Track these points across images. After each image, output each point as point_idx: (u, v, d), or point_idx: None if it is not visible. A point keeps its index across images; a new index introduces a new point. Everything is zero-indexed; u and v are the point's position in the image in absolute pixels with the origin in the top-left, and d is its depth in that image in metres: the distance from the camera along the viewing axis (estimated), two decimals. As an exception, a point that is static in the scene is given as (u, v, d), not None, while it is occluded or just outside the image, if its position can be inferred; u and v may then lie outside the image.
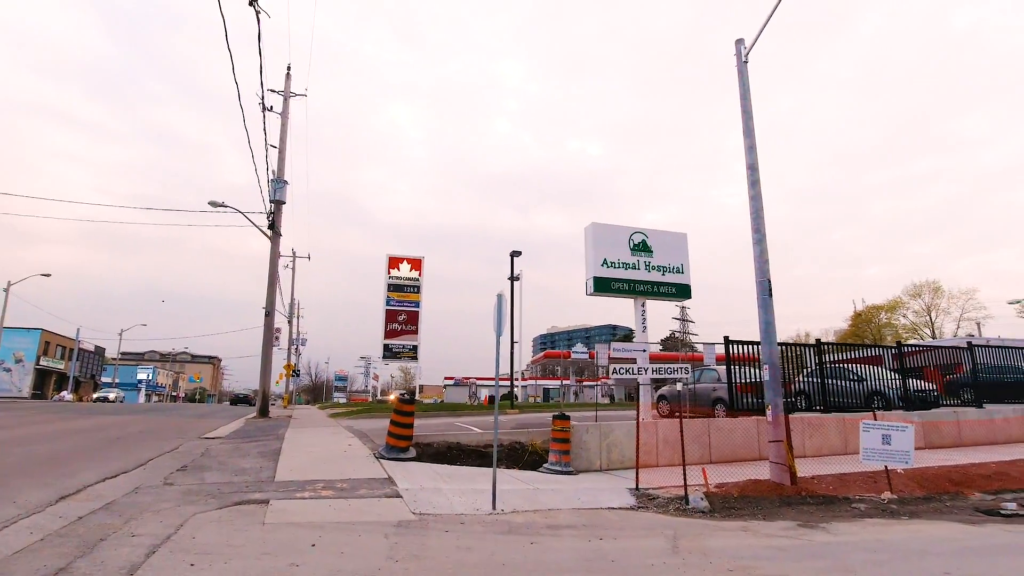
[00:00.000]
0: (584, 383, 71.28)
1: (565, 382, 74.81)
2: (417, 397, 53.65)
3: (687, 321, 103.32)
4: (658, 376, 10.59)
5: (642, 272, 12.45)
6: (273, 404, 50.27)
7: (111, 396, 42.78)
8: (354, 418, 19.14)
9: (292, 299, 46.76)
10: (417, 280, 37.41)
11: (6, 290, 42.70)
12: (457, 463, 9.13)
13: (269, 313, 20.52)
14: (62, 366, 59.96)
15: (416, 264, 37.57)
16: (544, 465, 9.33)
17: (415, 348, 37.29)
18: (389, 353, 37.15)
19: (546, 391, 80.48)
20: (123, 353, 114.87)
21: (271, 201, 20.66)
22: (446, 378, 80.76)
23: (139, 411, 26.06)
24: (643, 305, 12.60)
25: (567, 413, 9.58)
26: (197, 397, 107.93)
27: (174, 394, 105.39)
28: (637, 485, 7.91)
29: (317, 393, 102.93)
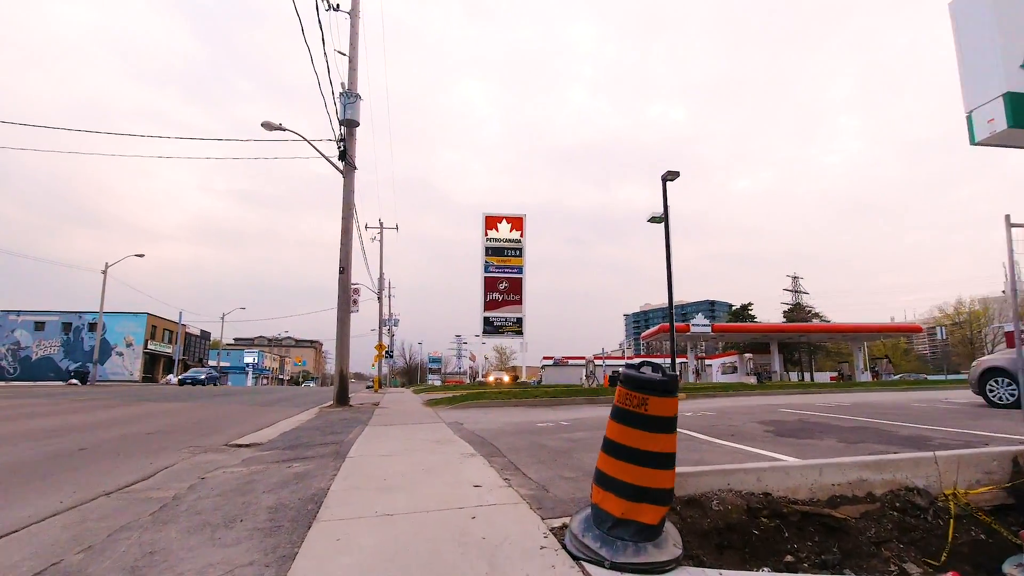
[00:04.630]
0: (710, 359, 63.23)
1: (682, 360, 67.14)
2: (522, 378, 48.56)
3: (800, 292, 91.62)
4: None
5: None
6: (369, 387, 46.96)
7: (201, 376, 41.22)
8: (459, 407, 13.86)
9: (381, 274, 43.02)
10: (519, 242, 31.89)
11: (104, 272, 42.08)
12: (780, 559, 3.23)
13: (344, 269, 15.66)
14: (169, 350, 60.79)
15: (517, 223, 32.02)
16: None
17: (519, 321, 31.93)
18: (490, 327, 32.07)
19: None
20: (235, 339, 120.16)
21: (341, 123, 15.69)
22: (544, 358, 75.41)
23: (208, 396, 22.60)
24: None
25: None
26: (300, 379, 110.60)
27: (280, 377, 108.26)
28: None
29: (411, 376, 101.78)
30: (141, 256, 42.71)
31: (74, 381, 43.51)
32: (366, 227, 40.12)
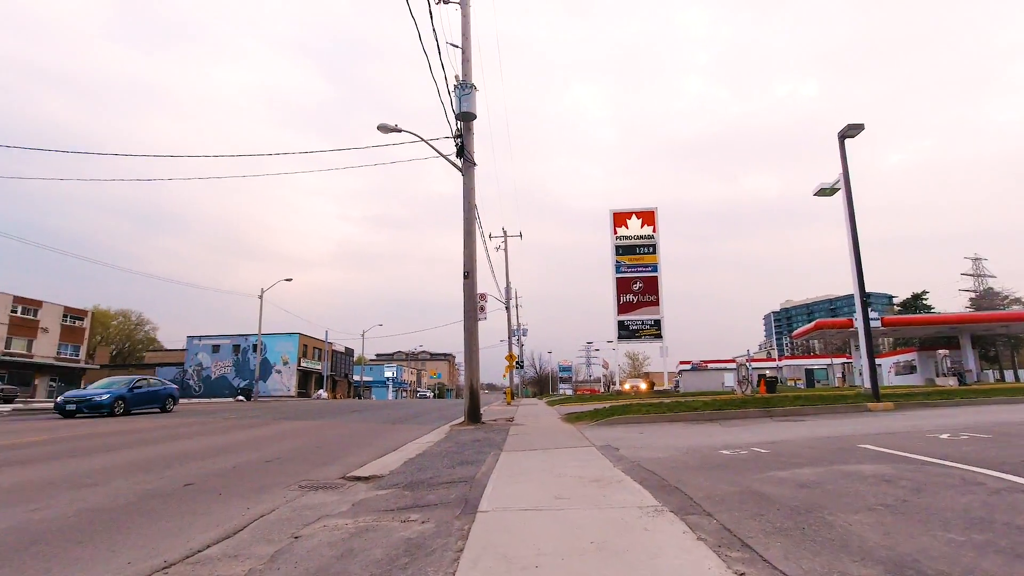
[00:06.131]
0: (879, 358, 54.97)
1: (840, 360, 59.05)
2: (661, 385, 45.31)
3: (983, 276, 77.09)
4: None
5: None
6: (502, 399, 46.52)
7: (102, 398, 42.01)
8: (604, 423, 11.90)
9: (508, 283, 42.32)
10: (651, 237, 29.16)
11: (260, 297, 45.88)
12: None
13: (468, 274, 14.46)
14: (318, 367, 65.37)
15: (648, 217, 29.34)
16: None
17: (657, 323, 29.10)
18: (625, 332, 29.60)
19: (808, 372, 65.53)
20: (376, 354, 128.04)
21: (457, 116, 14.61)
22: (681, 363, 70.57)
23: (344, 413, 22.75)
24: None
25: None
26: (436, 392, 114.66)
27: (418, 390, 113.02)
28: None
29: (542, 385, 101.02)
30: (289, 280, 46.12)
31: (240, 398, 47.87)
32: (490, 236, 39.65)
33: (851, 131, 12.67)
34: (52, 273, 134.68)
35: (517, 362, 45.19)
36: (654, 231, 29.10)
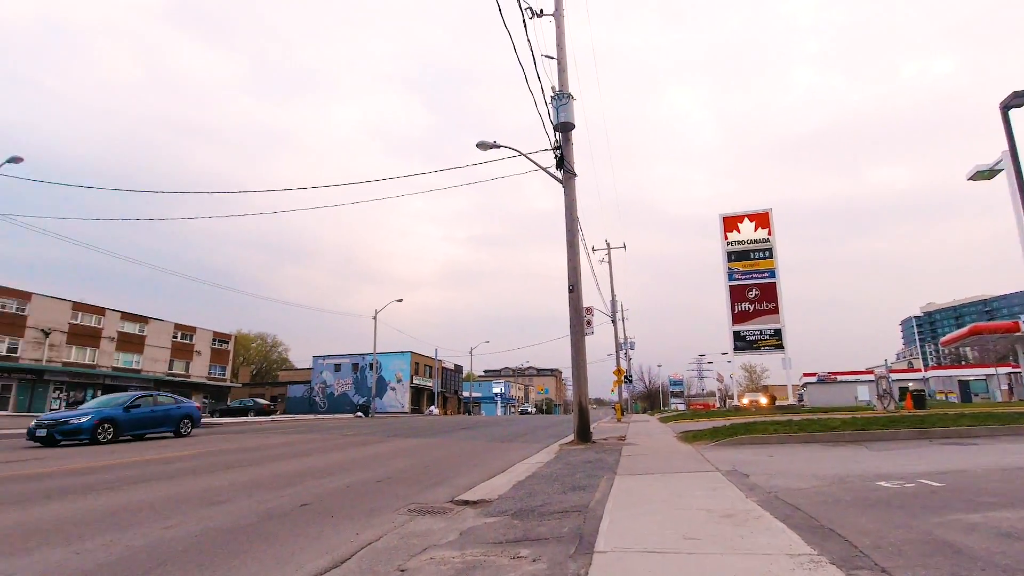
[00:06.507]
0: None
1: (1007, 369, 51.02)
2: (783, 400, 41.79)
3: None
4: None
5: None
6: (609, 415, 45.41)
7: (81, 421, 42.32)
8: (727, 443, 10.88)
9: (613, 295, 41.33)
10: (767, 241, 27.05)
11: (374, 317, 48.44)
12: None
13: (573, 287, 14.06)
14: (430, 383, 67.69)
15: (762, 220, 27.27)
16: None
17: (778, 332, 26.79)
18: (742, 343, 27.55)
19: (963, 384, 57.47)
20: (484, 371, 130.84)
21: (555, 128, 14.38)
22: (805, 375, 64.84)
23: (451, 430, 23.02)
24: None
25: None
26: (544, 408, 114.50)
27: (526, 406, 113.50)
28: None
29: (652, 400, 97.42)
30: (400, 301, 48.32)
31: (359, 414, 50.64)
32: (592, 249, 39.03)
33: (1017, 100, 10.76)
34: (201, 301, 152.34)
35: (625, 376, 43.80)
36: (769, 234, 27.01)
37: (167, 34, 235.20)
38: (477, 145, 14.74)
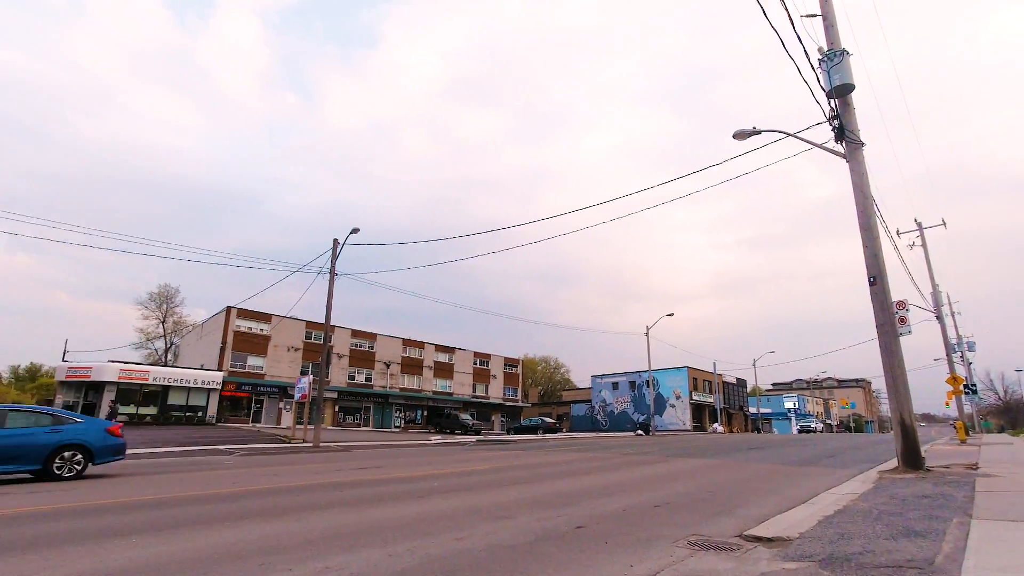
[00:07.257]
0: None
1: None
2: None
3: None
4: None
5: None
6: (945, 434, 36.38)
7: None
8: None
9: (933, 286, 33.24)
10: None
11: (646, 334, 48.02)
12: None
13: (875, 279, 11.53)
14: (710, 399, 63.86)
15: None
16: None
17: None
18: None
19: None
20: (772, 384, 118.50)
21: (828, 95, 12.21)
22: None
23: (738, 449, 20.85)
24: None
25: None
26: (852, 425, 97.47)
27: (829, 422, 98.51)
28: None
29: (1013, 416, 74.18)
30: (671, 315, 46.94)
31: (639, 432, 50.34)
32: (897, 233, 32.08)
33: None
34: (493, 331, 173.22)
35: (965, 386, 34.31)
36: None
37: (449, 106, 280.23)
38: (734, 135, 13.39)
